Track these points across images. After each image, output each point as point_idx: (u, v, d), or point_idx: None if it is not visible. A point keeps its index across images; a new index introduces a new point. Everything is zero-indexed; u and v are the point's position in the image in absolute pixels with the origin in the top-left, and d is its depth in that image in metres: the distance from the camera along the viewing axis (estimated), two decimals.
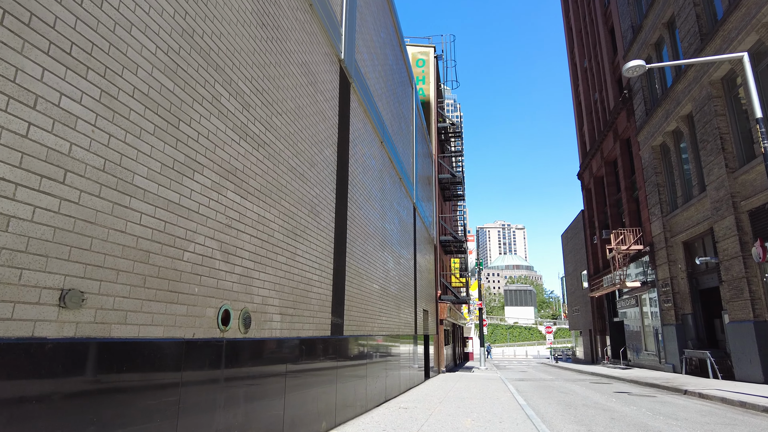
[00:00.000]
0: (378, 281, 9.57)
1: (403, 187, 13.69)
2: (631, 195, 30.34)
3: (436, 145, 25.43)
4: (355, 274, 7.91)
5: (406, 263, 13.81)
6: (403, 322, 12.82)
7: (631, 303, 29.85)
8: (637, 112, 27.50)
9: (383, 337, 9.81)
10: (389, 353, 10.53)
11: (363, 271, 8.47)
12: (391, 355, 10.75)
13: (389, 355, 10.54)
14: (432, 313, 20.87)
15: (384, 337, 9.85)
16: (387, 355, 10.28)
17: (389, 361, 10.45)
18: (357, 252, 8.16)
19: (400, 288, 12.36)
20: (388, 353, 10.37)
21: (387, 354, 10.28)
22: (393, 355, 10.89)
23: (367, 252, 8.86)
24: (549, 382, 19.85)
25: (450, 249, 28.41)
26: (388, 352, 10.46)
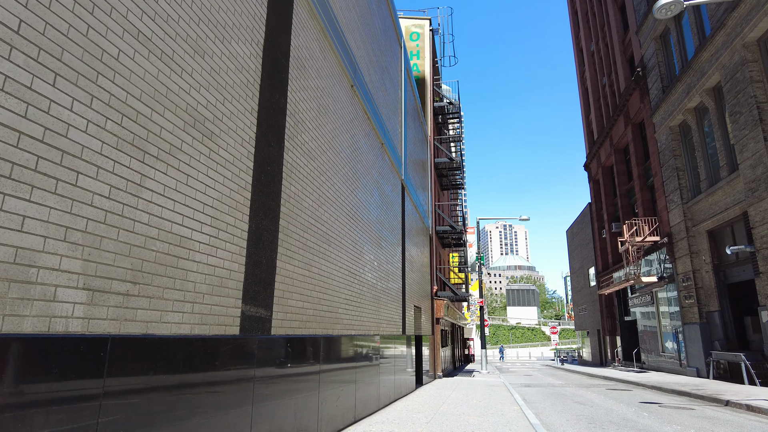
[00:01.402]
0: (343, 263, 7.20)
1: (386, 155, 11.33)
2: (644, 183, 27.94)
3: (432, 127, 23.07)
4: (298, 247, 5.54)
5: (391, 249, 11.43)
6: (386, 319, 10.45)
7: (645, 300, 27.43)
8: (652, 91, 25.11)
9: (351, 339, 7.44)
10: (363, 359, 8.15)
11: (314, 245, 6.09)
12: (366, 360, 8.37)
13: (363, 360, 8.17)
14: (426, 311, 18.49)
15: (352, 338, 7.48)
16: (359, 360, 7.91)
17: (362, 369, 8.07)
18: (304, 217, 5.79)
19: (380, 278, 9.99)
20: (361, 359, 8.00)
21: (359, 360, 7.91)
22: (368, 361, 8.52)
23: (322, 220, 6.49)
24: (559, 389, 17.45)
25: (448, 242, 26.02)
26: (362, 357, 8.09)
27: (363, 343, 8.22)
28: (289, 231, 5.33)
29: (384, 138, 10.99)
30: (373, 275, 9.36)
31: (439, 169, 24.27)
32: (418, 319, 16.54)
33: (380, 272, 10.11)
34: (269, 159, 4.91)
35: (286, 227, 5.22)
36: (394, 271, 11.78)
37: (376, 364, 9.22)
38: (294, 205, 5.49)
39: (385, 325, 10.32)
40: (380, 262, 10.16)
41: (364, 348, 8.30)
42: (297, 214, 5.56)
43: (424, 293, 18.26)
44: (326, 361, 6.26)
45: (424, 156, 20.92)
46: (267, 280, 4.68)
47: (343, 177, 7.53)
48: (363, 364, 8.15)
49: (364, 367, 8.18)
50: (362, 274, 8.49)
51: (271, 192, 4.88)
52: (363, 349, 8.20)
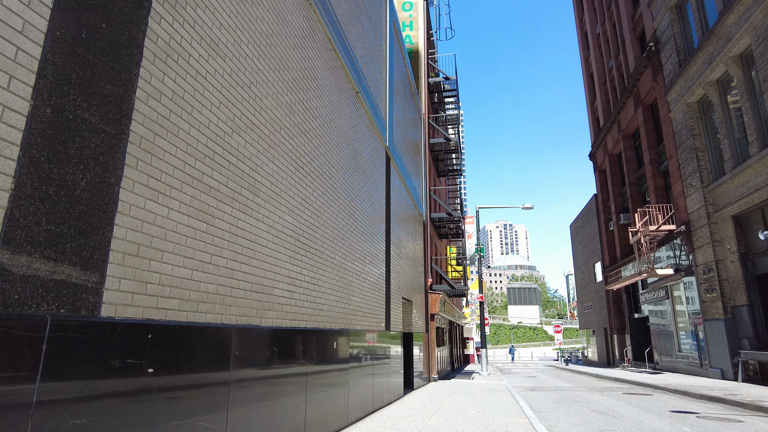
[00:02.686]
0: (284, 225, 5.14)
1: (363, 109, 9.24)
2: (657, 169, 25.85)
3: (427, 104, 20.97)
4: (181, 180, 3.45)
5: (369, 225, 9.34)
6: (361, 311, 8.36)
7: (658, 296, 25.32)
8: (666, 67, 23.02)
9: (299, 334, 5.37)
10: (320, 361, 6.08)
11: (222, 187, 4.00)
12: (325, 363, 6.29)
13: (321, 363, 6.09)
14: (419, 305, 16.39)
15: (300, 333, 5.40)
16: (313, 363, 5.85)
17: (319, 376, 5.98)
18: (198, 136, 3.70)
19: (352, 257, 7.91)
20: (316, 361, 5.93)
21: (313, 362, 5.85)
22: (329, 364, 6.44)
23: (241, 154, 4.39)
24: (570, 393, 15.35)
25: (445, 231, 23.92)
26: (318, 358, 6.02)
27: (321, 341, 6.13)
28: (159, 148, 3.23)
29: (360, 87, 8.90)
30: (339, 252, 7.27)
31: (434, 152, 22.17)
32: (408, 313, 14.45)
33: (352, 250, 8.02)
34: None
35: (148, 138, 3.12)
36: (374, 252, 9.69)
37: (344, 367, 7.12)
38: (172, 108, 3.39)
39: (359, 318, 8.22)
40: (353, 237, 8.07)
41: (323, 347, 6.21)
42: (179, 125, 3.46)
43: (417, 285, 16.17)
44: (247, 364, 4.17)
45: (417, 136, 18.84)
46: (90, 217, 2.59)
47: (284, 106, 5.44)
48: (320, 368, 6.06)
49: (321, 372, 6.09)
50: (320, 248, 6.39)
51: (107, 64, 2.78)
52: (321, 348, 6.11)
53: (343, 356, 7.09)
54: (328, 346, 6.40)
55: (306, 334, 5.61)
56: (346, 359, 7.22)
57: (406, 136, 15.73)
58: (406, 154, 15.46)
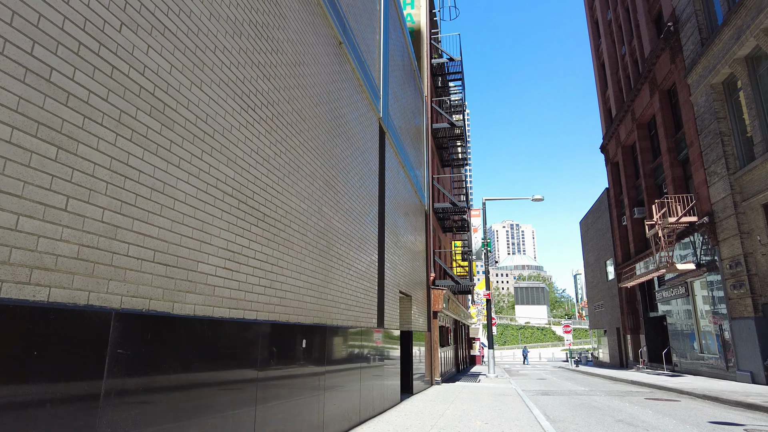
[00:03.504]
0: (216, 179, 3.75)
1: (348, 65, 7.86)
2: (675, 158, 24.27)
3: (429, 86, 19.54)
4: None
5: (355, 202, 7.96)
6: (344, 303, 6.97)
7: (678, 292, 23.74)
8: (687, 48, 21.47)
9: (240, 327, 3.97)
10: (278, 363, 4.71)
11: (86, 79, 2.60)
12: (286, 365, 4.91)
13: (280, 366, 4.72)
14: (420, 301, 14.99)
15: (242, 326, 3.99)
16: (269, 367, 4.48)
17: (276, 384, 4.60)
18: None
19: (332, 236, 6.54)
20: (273, 364, 4.57)
21: (269, 365, 4.48)
22: (292, 365, 5.06)
23: (130, 56, 3.04)
24: (587, 398, 13.88)
25: (449, 225, 22.48)
26: (276, 360, 4.65)
27: (282, 337, 4.74)
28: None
29: (345, 38, 7.50)
30: (314, 229, 5.88)
31: (438, 138, 20.74)
32: (407, 309, 13.05)
33: (333, 230, 6.63)
34: None
35: None
36: (363, 236, 8.30)
37: (318, 371, 5.73)
38: None
39: (342, 311, 6.84)
40: (334, 214, 6.68)
41: (286, 345, 4.82)
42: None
43: (417, 280, 14.76)
44: (138, 367, 2.78)
45: (419, 119, 17.43)
46: None
47: (225, 21, 4.05)
48: (280, 372, 4.67)
49: (282, 378, 4.70)
50: (283, 219, 5.01)
51: None
52: (282, 346, 4.73)
53: (317, 357, 5.70)
54: (293, 345, 5.01)
55: (256, 328, 4.23)
56: (321, 360, 5.82)
57: (406, 116, 14.33)
58: (405, 136, 14.06)
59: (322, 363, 5.85)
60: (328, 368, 6.07)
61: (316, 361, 5.66)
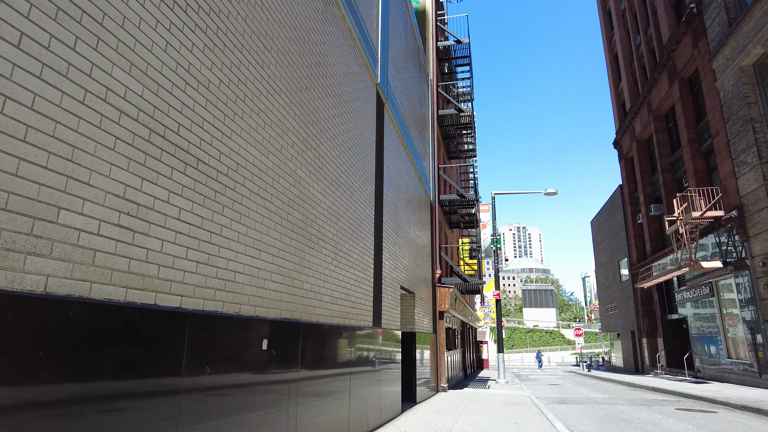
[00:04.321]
0: (75, 63, 2.36)
1: (335, 6, 6.53)
2: (697, 149, 22.77)
3: (435, 70, 18.21)
4: None
5: (344, 174, 6.64)
6: (329, 295, 5.65)
7: (700, 293, 22.19)
8: (712, 29, 20.02)
9: (166, 319, 2.59)
10: (223, 369, 3.39)
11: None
12: (240, 371, 3.58)
13: (226, 372, 3.40)
14: (425, 300, 13.62)
15: (151, 316, 2.60)
16: (204, 372, 3.12)
17: (209, 399, 3.24)
18: None
19: (308, 208, 5.21)
20: (209, 369, 3.21)
21: (205, 371, 3.11)
22: (251, 375, 3.74)
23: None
24: (610, 408, 12.43)
25: (456, 220, 21.09)
26: (219, 365, 3.32)
27: (229, 334, 3.41)
28: None
29: None
30: (281, 195, 4.55)
31: (444, 127, 19.39)
32: (409, 308, 11.69)
33: (311, 201, 5.30)
34: None
35: None
36: (355, 216, 6.96)
37: (287, 378, 4.39)
38: None
39: (326, 305, 5.50)
40: (312, 182, 5.35)
41: (237, 344, 3.49)
42: None
43: (422, 276, 13.40)
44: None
45: (424, 103, 16.10)
46: None
47: None
48: (219, 382, 3.33)
49: (218, 391, 3.36)
50: (227, 166, 3.67)
51: None
52: (229, 346, 3.40)
53: (286, 360, 4.36)
54: (246, 344, 3.68)
55: (179, 320, 2.89)
56: (292, 365, 4.48)
57: (409, 95, 12.99)
58: (409, 118, 12.73)
59: (293, 367, 4.51)
60: (303, 374, 4.72)
61: (284, 366, 4.32)
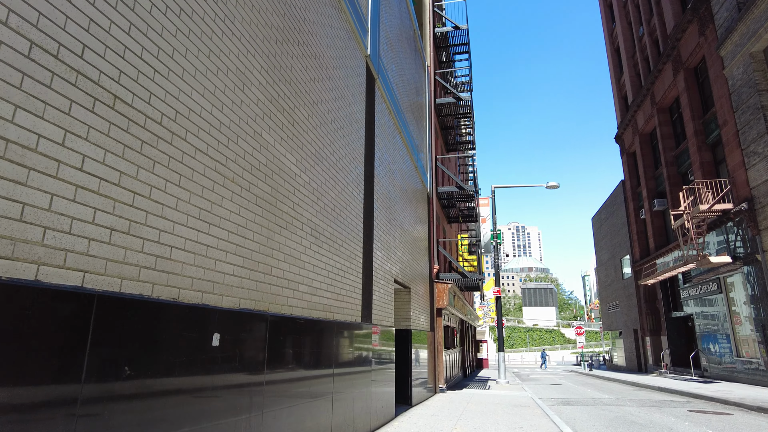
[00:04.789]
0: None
1: None
2: (703, 141, 22.04)
3: (432, 57, 17.45)
4: None
5: (326, 148, 5.89)
6: (306, 284, 4.92)
7: (709, 289, 21.46)
8: (720, 15, 19.29)
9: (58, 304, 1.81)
10: (158, 371, 2.57)
11: None
12: (185, 374, 2.79)
13: (163, 375, 2.59)
14: (422, 296, 12.86)
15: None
16: (123, 376, 2.33)
17: (91, 413, 2.45)
18: None
19: (278, 181, 4.48)
20: (134, 373, 2.44)
21: (123, 375, 2.33)
22: (196, 377, 2.92)
23: None
24: (618, 410, 11.69)
25: (454, 214, 20.34)
26: (148, 368, 2.51)
27: (155, 325, 2.65)
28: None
29: None
30: (238, 156, 3.79)
31: (442, 117, 18.63)
32: (404, 304, 10.93)
33: (283, 173, 4.54)
34: None
35: None
36: (340, 196, 6.20)
37: (252, 381, 3.63)
38: None
39: (302, 295, 4.74)
40: (282, 147, 4.59)
41: (164, 339, 2.73)
42: None
43: (418, 271, 12.64)
44: None
45: (421, 92, 15.34)
46: None
47: None
48: (144, 388, 2.57)
49: (141, 399, 2.60)
50: (148, 108, 2.90)
51: None
52: (156, 340, 2.63)
53: (246, 360, 3.60)
54: (189, 339, 2.92)
55: (84, 303, 2.14)
56: (255, 365, 3.72)
57: (405, 78, 12.24)
58: (405, 102, 11.97)
59: (257, 368, 3.74)
60: (271, 376, 3.96)
61: (244, 367, 3.56)
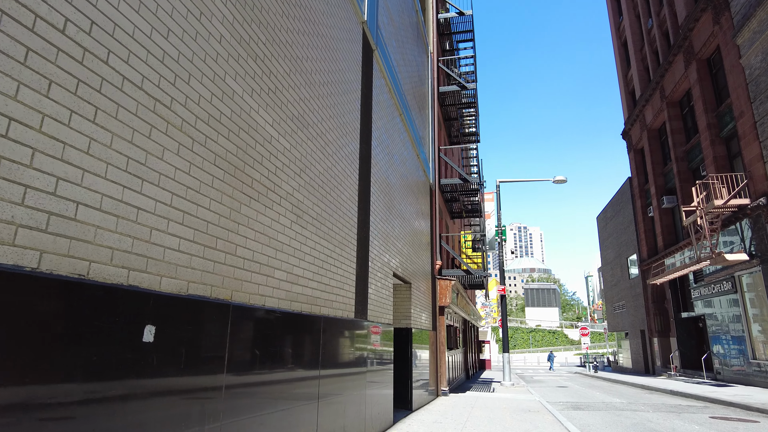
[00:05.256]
0: None
1: None
2: (717, 134, 21.21)
3: (436, 44, 16.66)
4: None
5: (315, 114, 5.13)
6: (285, 269, 4.14)
7: (722, 289, 20.62)
8: (736, 3, 18.47)
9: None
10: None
11: None
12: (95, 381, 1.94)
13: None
14: (424, 292, 12.07)
15: None
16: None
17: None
18: None
19: (248, 139, 3.88)
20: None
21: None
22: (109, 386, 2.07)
23: None
24: (634, 416, 10.88)
25: (458, 209, 19.55)
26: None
27: (56, 317, 1.86)
28: None
29: None
30: (189, 102, 3.01)
31: (445, 107, 17.83)
32: (404, 300, 10.14)
33: (253, 129, 3.76)
34: None
35: None
36: (330, 171, 5.42)
37: (209, 385, 2.86)
38: None
39: (278, 282, 3.97)
40: (252, 101, 3.80)
41: (71, 338, 1.95)
42: None
43: (420, 266, 11.85)
44: None
45: (424, 80, 14.54)
46: None
47: None
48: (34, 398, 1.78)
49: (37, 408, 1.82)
50: (85, 42, 2.11)
51: None
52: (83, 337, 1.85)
53: (201, 361, 2.82)
54: (107, 331, 2.15)
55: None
56: (212, 366, 2.94)
57: (407, 59, 11.44)
58: (406, 84, 11.18)
59: (212, 371, 2.96)
60: (233, 379, 3.17)
61: (194, 368, 2.77)
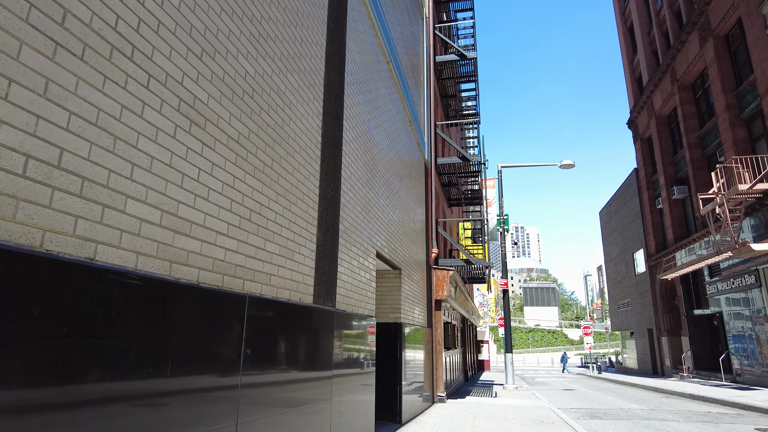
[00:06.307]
0: None
1: None
2: (737, 116, 19.57)
3: (431, 9, 14.92)
4: None
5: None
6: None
7: (743, 283, 18.96)
8: None
9: None
10: None
11: None
12: None
13: None
14: (417, 283, 10.32)
15: None
16: None
17: None
18: None
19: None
20: None
21: None
22: None
23: None
24: (665, 427, 9.19)
25: (456, 196, 17.81)
26: None
27: None
28: None
29: None
30: None
31: (442, 80, 16.11)
32: (393, 290, 8.40)
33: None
34: None
35: None
36: (270, 78, 3.67)
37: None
38: None
39: (151, 231, 2.19)
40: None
41: None
42: None
43: (413, 252, 10.11)
44: None
45: (418, 46, 12.81)
46: None
47: None
48: None
49: None
50: None
51: None
52: None
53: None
54: None
55: None
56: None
57: (401, 20, 9.68)
58: (398, 38, 9.43)
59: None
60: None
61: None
